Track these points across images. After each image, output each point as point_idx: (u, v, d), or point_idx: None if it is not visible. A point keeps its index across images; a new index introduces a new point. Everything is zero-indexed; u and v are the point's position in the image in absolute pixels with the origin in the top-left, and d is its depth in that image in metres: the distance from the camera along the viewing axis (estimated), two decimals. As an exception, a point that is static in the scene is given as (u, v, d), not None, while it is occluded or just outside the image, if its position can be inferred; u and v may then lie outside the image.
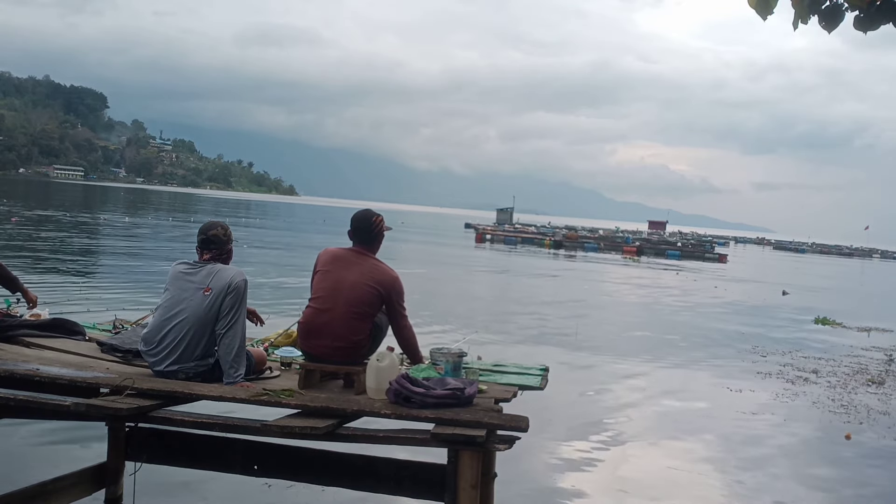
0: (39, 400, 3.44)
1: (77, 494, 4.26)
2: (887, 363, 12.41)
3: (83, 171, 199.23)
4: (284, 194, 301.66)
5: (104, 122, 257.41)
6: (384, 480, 3.96)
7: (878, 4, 3.40)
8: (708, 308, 19.54)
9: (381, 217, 4.18)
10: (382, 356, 3.68)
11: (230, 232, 4.11)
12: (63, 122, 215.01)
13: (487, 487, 3.89)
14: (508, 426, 3.17)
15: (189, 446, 4.13)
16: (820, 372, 11.00)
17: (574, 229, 65.82)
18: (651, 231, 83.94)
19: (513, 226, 71.36)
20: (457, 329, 11.84)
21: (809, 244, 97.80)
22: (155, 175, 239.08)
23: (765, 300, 22.65)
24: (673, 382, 9.75)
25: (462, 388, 3.41)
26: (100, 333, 4.78)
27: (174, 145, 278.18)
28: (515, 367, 4.40)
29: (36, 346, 4.22)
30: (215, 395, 3.48)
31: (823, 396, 9.35)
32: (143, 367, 3.96)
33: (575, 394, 8.69)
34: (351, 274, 3.95)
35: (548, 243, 49.32)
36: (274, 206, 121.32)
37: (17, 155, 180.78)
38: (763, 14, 3.47)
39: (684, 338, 13.83)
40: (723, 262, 45.96)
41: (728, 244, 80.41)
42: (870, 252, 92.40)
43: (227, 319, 3.80)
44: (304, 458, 3.95)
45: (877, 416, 8.55)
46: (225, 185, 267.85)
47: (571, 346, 11.87)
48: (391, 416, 3.28)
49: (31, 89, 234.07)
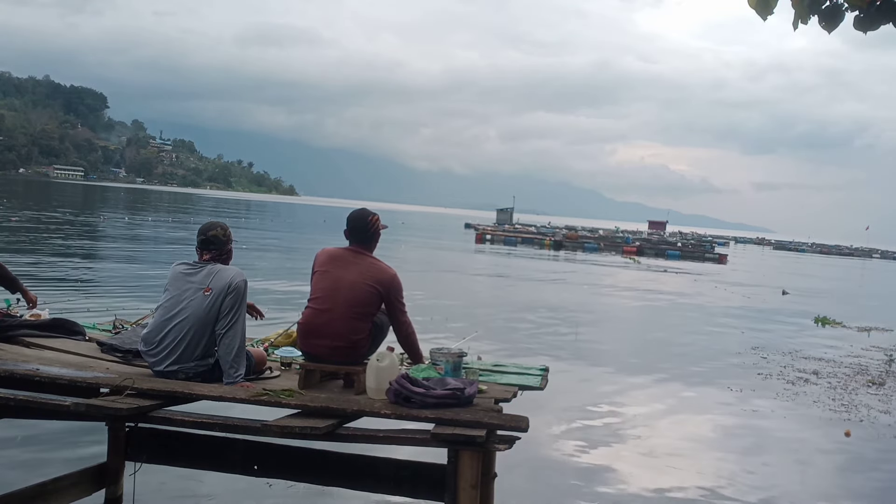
0: (39, 400, 3.43)
1: (77, 494, 4.26)
2: (887, 363, 12.41)
3: (83, 172, 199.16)
4: (284, 194, 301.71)
5: (104, 122, 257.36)
6: (384, 480, 3.96)
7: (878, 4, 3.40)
8: (708, 309, 19.55)
9: (378, 216, 4.19)
10: (382, 356, 3.68)
11: (230, 232, 4.12)
12: (63, 122, 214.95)
13: (487, 487, 3.89)
14: (508, 426, 3.16)
15: (189, 446, 4.13)
16: (820, 372, 11.00)
17: (574, 229, 65.80)
18: (651, 231, 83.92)
19: (513, 226, 71.32)
20: (456, 330, 11.83)
21: (809, 244, 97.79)
22: (155, 175, 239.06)
23: (765, 301, 22.64)
24: (673, 383, 9.75)
25: (462, 388, 3.41)
26: (100, 333, 4.78)
27: (174, 145, 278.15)
28: (515, 368, 4.40)
29: (36, 346, 4.22)
30: (215, 395, 3.48)
31: (824, 396, 9.36)
32: (143, 367, 3.96)
33: (575, 394, 8.69)
34: (349, 273, 3.95)
35: (548, 243, 49.30)
36: (274, 206, 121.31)
37: (17, 155, 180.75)
38: (763, 14, 3.47)
39: (684, 338, 13.84)
40: (723, 262, 45.95)
41: (728, 244, 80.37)
42: (870, 252, 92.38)
43: (227, 319, 3.80)
44: (304, 458, 3.95)
45: (877, 415, 8.55)
46: (225, 185, 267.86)
47: (572, 347, 11.87)
48: (391, 416, 3.28)
49: (31, 89, 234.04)
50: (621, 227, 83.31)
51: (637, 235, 64.74)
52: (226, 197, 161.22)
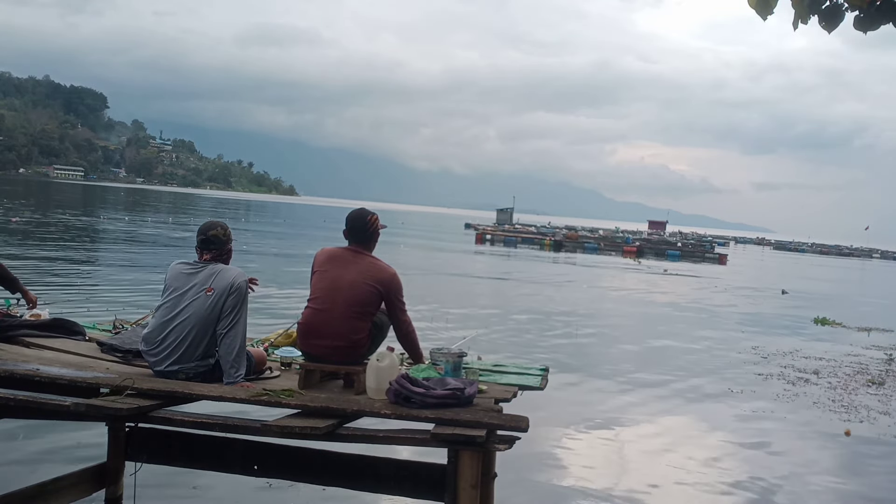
0: (39, 400, 3.43)
1: (77, 494, 4.26)
2: (887, 362, 12.41)
3: (83, 172, 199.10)
4: (284, 194, 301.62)
5: (104, 122, 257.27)
6: (384, 480, 3.96)
7: (878, 4, 3.40)
8: (708, 309, 19.54)
9: (377, 216, 4.19)
10: (382, 356, 3.68)
11: (230, 232, 4.12)
12: (63, 122, 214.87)
13: (487, 487, 3.89)
14: (508, 426, 3.16)
15: (189, 446, 4.13)
16: (820, 372, 11.00)
17: (574, 229, 65.79)
18: (651, 231, 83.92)
19: (513, 226, 71.30)
20: (456, 330, 11.83)
21: (809, 244, 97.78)
22: (155, 175, 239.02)
23: (765, 301, 22.65)
24: (673, 383, 9.74)
25: (462, 388, 3.41)
26: (100, 333, 4.78)
27: (174, 145, 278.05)
28: (515, 368, 4.40)
29: (36, 346, 4.22)
30: (215, 396, 3.48)
31: (824, 397, 9.36)
32: (143, 367, 3.96)
33: (575, 394, 8.69)
34: (349, 273, 3.95)
35: (548, 243, 49.28)
36: (274, 206, 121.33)
37: (17, 155, 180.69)
38: (763, 14, 3.47)
39: (683, 338, 13.83)
40: (723, 262, 45.95)
41: (728, 244, 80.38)
42: (870, 252, 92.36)
43: (228, 320, 3.81)
44: (304, 458, 3.95)
45: (877, 415, 8.55)
46: (225, 185, 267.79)
47: (572, 347, 11.88)
48: (391, 416, 3.28)
49: (31, 89, 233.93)
50: (621, 228, 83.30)
51: (637, 236, 64.74)
52: (226, 197, 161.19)
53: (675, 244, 55.78)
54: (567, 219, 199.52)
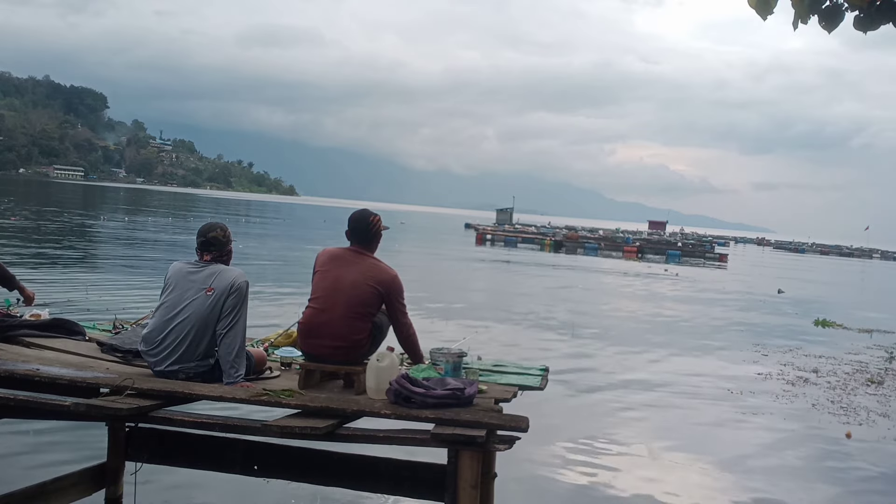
0: (39, 400, 3.44)
1: (77, 494, 4.26)
2: (887, 361, 12.41)
3: (83, 171, 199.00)
4: (284, 194, 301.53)
5: (104, 122, 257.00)
6: (384, 480, 3.96)
7: (878, 4, 3.40)
8: (708, 309, 19.54)
9: (379, 217, 4.19)
10: (382, 356, 3.68)
11: (229, 233, 4.13)
12: (63, 122, 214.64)
13: (487, 487, 3.89)
14: (508, 426, 3.16)
15: (189, 446, 4.13)
16: (820, 373, 10.99)
17: (574, 229, 65.74)
18: (651, 231, 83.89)
19: (513, 226, 71.21)
20: (456, 330, 11.83)
21: (809, 244, 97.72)
22: (155, 175, 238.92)
23: (765, 301, 22.64)
24: (673, 384, 9.74)
25: (462, 388, 3.41)
26: (100, 333, 4.78)
27: (174, 145, 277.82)
28: (515, 368, 4.40)
29: (36, 346, 4.22)
30: (215, 395, 3.48)
31: (823, 398, 9.36)
32: (143, 367, 3.96)
33: (575, 394, 8.69)
34: (350, 273, 3.95)
35: (548, 244, 49.24)
36: (274, 206, 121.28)
37: (17, 155, 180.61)
38: (763, 14, 3.47)
39: (683, 338, 13.83)
40: (723, 262, 45.95)
41: (728, 244, 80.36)
42: (870, 252, 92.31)
43: (228, 320, 3.81)
44: (304, 458, 3.95)
45: (876, 417, 8.55)
46: (225, 185, 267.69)
47: (572, 348, 11.87)
48: (391, 416, 3.28)
49: (31, 89, 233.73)
50: (621, 228, 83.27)
51: (637, 236, 64.73)
52: (226, 197, 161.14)
53: (676, 244, 55.77)
54: (567, 219, 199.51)
